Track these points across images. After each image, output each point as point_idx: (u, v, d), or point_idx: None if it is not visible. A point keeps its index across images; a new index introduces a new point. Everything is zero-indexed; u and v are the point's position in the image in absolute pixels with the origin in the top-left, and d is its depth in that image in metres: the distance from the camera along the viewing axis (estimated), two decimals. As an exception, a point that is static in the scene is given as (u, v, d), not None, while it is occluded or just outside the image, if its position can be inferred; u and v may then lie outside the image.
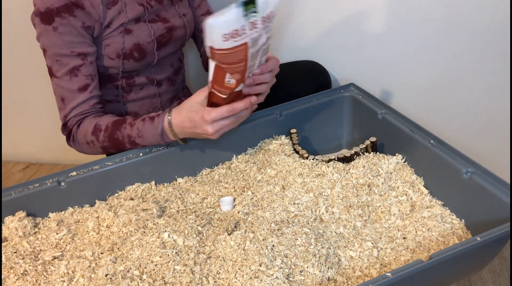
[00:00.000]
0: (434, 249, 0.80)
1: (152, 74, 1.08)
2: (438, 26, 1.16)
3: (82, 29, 0.93)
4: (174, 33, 1.05)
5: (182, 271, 0.76)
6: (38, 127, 1.57)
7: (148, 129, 0.91)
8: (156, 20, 1.02)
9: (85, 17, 0.93)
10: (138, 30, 0.99)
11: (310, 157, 1.00)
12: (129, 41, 0.99)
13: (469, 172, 0.84)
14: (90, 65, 0.96)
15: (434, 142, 0.91)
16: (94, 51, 0.96)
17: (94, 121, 0.95)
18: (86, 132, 0.95)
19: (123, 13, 0.97)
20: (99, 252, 0.82)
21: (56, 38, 0.92)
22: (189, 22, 1.09)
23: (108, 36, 0.97)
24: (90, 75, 0.96)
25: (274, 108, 1.06)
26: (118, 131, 0.93)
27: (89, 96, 0.96)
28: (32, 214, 0.93)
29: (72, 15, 0.91)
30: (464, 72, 1.20)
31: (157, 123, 0.90)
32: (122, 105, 1.09)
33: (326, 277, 0.76)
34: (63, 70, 0.94)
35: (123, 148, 0.95)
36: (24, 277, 0.79)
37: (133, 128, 0.92)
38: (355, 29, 1.22)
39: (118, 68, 1.01)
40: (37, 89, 1.47)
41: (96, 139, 0.94)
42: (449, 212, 0.88)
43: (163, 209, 0.91)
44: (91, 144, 0.95)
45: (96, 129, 0.94)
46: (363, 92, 1.09)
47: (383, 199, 0.90)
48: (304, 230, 0.82)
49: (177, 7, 1.06)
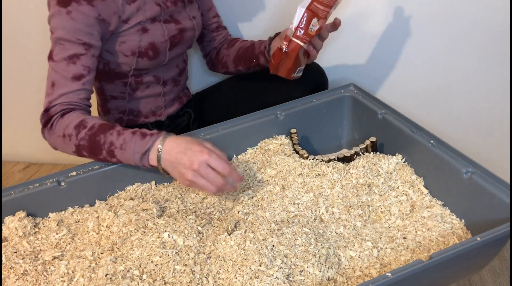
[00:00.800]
0: (434, 249, 0.80)
1: (160, 73, 1.09)
2: (438, 26, 1.16)
3: (95, 20, 0.92)
4: (184, 35, 1.07)
5: (182, 271, 0.76)
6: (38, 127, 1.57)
7: (134, 144, 0.86)
8: (169, 21, 1.04)
9: (103, 8, 0.92)
10: (154, 30, 1.00)
11: (310, 157, 1.00)
12: (145, 40, 0.99)
13: (469, 172, 0.84)
14: (91, 58, 0.94)
15: (434, 142, 0.91)
16: (99, 45, 0.95)
17: (82, 117, 0.90)
18: (69, 124, 0.89)
19: (142, 11, 0.98)
20: (99, 252, 0.82)
21: (67, 22, 0.90)
22: (198, 25, 1.12)
23: (125, 33, 0.97)
24: (88, 67, 0.93)
25: (274, 108, 1.06)
26: (102, 134, 0.87)
27: (81, 87, 0.92)
28: (32, 214, 0.93)
29: (91, 4, 0.90)
30: (464, 72, 1.20)
31: (147, 140, 0.85)
32: (126, 102, 1.10)
33: (326, 277, 0.76)
34: (63, 55, 0.91)
35: (97, 153, 0.89)
36: (24, 277, 0.79)
37: (120, 137, 0.87)
38: (355, 29, 1.22)
39: (131, 66, 1.02)
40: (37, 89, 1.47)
41: (75, 134, 0.88)
42: (449, 212, 0.88)
43: (163, 209, 0.91)
44: (67, 138, 0.89)
45: (80, 125, 0.88)
46: (363, 92, 1.09)
47: (383, 199, 0.90)
48: (304, 230, 0.82)
49: (188, 10, 1.09)
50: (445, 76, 1.22)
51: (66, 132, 0.89)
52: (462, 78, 1.20)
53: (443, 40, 1.17)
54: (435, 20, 1.15)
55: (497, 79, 1.17)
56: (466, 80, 1.20)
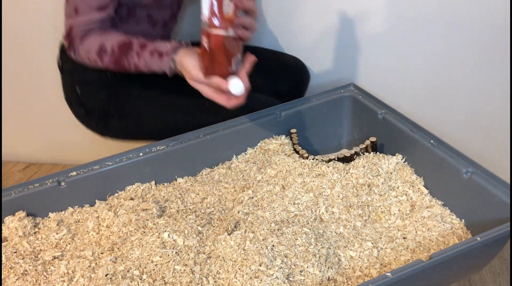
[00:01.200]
0: (434, 249, 0.80)
1: (154, 12, 1.07)
2: (438, 25, 1.16)
3: None
4: None
5: (182, 271, 0.76)
6: (38, 127, 1.57)
7: (155, 65, 0.92)
8: None
9: None
10: None
11: (310, 157, 1.00)
12: None
13: (469, 172, 0.84)
14: None
15: (434, 142, 0.91)
16: None
17: (99, 39, 0.94)
18: (89, 50, 0.94)
19: None
20: (99, 252, 0.82)
21: None
22: None
23: None
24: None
25: (274, 108, 1.06)
26: (124, 58, 0.93)
27: (104, 16, 0.95)
28: (32, 214, 0.93)
29: None
30: (464, 72, 1.20)
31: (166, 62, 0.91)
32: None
33: (326, 277, 0.76)
34: None
35: (126, 71, 0.95)
36: (24, 277, 0.79)
37: (140, 60, 0.92)
38: (355, 29, 1.22)
39: None
40: (37, 89, 1.47)
41: (100, 60, 0.94)
42: (449, 212, 0.88)
43: (163, 209, 0.91)
44: (94, 62, 0.95)
45: (101, 50, 0.93)
46: (363, 92, 1.09)
47: (383, 199, 0.90)
48: (304, 230, 0.82)
49: None
50: (445, 76, 1.22)
51: (90, 57, 0.95)
52: (462, 78, 1.20)
53: (443, 39, 1.17)
54: (436, 20, 1.15)
55: (497, 79, 1.17)
56: (466, 80, 1.20)
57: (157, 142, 0.99)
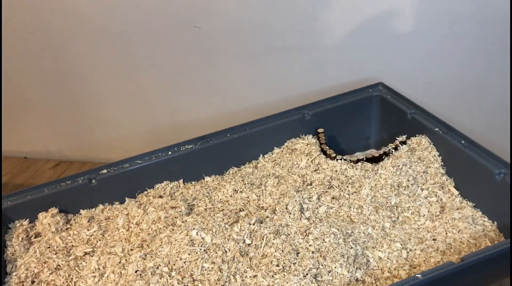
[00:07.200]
0: (465, 251, 0.78)
1: None
2: (470, 23, 1.13)
3: None
4: None
5: (210, 268, 0.77)
6: (69, 126, 1.61)
7: None
8: None
9: None
10: None
11: (337, 157, 0.99)
12: None
13: (502, 174, 0.82)
14: None
15: (465, 142, 0.89)
16: None
17: None
18: None
19: None
20: (129, 249, 0.84)
21: None
22: None
23: None
24: None
25: (301, 108, 1.06)
26: None
27: None
28: (64, 210, 0.95)
29: None
30: (495, 70, 1.17)
31: None
32: None
33: (354, 278, 0.75)
34: None
35: None
36: (57, 272, 0.81)
37: None
38: (383, 28, 1.21)
39: None
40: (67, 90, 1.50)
41: None
42: (480, 214, 0.86)
43: (191, 207, 0.92)
44: None
45: None
46: (391, 91, 1.08)
47: (412, 200, 0.89)
48: (332, 230, 0.81)
49: None
50: (476, 75, 1.19)
51: None
52: (494, 77, 1.17)
53: (475, 38, 1.14)
54: (467, 18, 1.12)
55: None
56: (498, 78, 1.17)
57: (185, 141, 1.00)
